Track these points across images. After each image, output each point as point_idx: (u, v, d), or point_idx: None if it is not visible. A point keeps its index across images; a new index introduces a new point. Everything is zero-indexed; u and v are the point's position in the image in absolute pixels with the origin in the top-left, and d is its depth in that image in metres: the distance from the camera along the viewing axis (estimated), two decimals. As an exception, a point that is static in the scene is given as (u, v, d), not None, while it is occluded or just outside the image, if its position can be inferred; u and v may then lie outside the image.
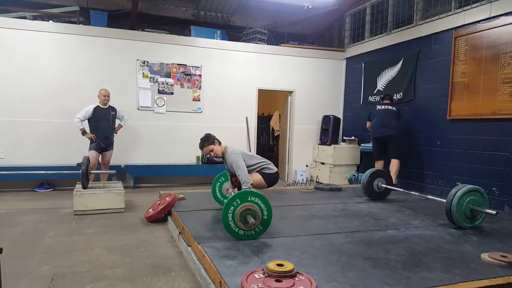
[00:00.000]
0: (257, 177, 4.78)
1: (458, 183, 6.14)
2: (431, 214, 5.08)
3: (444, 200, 4.47)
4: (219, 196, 5.34)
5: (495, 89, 5.85)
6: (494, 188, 5.87)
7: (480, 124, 6.14)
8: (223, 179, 5.32)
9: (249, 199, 3.70)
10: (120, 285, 3.11)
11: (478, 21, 6.14)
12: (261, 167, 4.89)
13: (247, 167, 4.70)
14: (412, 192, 5.96)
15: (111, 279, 3.23)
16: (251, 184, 4.47)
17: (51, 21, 7.52)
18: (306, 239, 3.85)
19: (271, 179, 4.93)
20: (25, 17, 7.36)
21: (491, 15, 5.93)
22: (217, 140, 4.86)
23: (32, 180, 7.17)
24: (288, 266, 2.57)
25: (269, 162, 5.03)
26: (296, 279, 2.51)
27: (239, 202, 3.66)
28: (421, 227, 4.44)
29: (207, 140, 4.81)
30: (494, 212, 4.15)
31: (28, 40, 7.18)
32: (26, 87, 7.18)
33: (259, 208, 3.70)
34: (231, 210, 3.65)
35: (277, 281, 2.46)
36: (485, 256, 3.30)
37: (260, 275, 2.55)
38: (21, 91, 7.15)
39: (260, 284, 2.42)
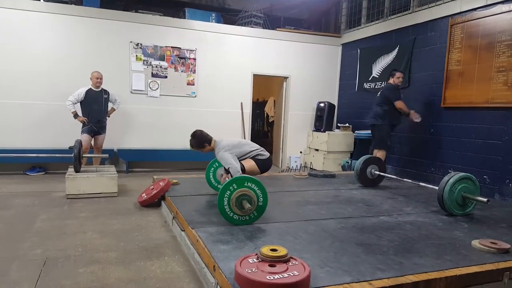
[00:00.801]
0: (250, 163, 4.76)
1: (450, 171, 6.19)
2: (423, 201, 5.12)
3: (436, 187, 4.51)
4: (213, 181, 5.33)
5: (489, 78, 5.86)
6: (485, 176, 5.92)
7: (473, 113, 6.16)
8: (217, 165, 5.31)
9: (245, 184, 3.70)
10: (113, 269, 3.11)
11: (475, 9, 6.12)
12: (254, 154, 4.87)
13: (239, 157, 4.69)
14: (404, 179, 6.00)
15: (104, 262, 3.23)
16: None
17: (42, 0, 7.36)
18: (299, 224, 3.87)
19: (264, 165, 4.92)
20: (16, -3, 7.22)
21: (488, 3, 5.91)
22: (207, 141, 4.78)
23: (24, 163, 7.12)
24: (282, 251, 2.58)
25: (261, 148, 5.01)
26: (290, 264, 2.52)
27: (235, 187, 3.66)
28: (413, 213, 4.48)
29: (197, 145, 4.79)
30: (485, 199, 4.18)
31: (18, 20, 7.03)
32: (17, 69, 7.06)
33: (255, 194, 3.70)
34: (227, 195, 3.65)
35: (270, 265, 2.47)
36: (475, 242, 3.33)
37: (254, 259, 2.56)
38: (11, 72, 7.04)
39: (254, 269, 2.43)
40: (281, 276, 2.35)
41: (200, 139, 4.79)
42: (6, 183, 6.28)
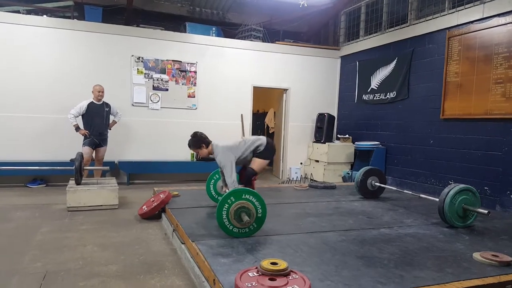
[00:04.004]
0: (256, 163, 4.79)
1: (450, 182, 6.20)
2: (424, 213, 5.12)
3: (437, 199, 4.50)
4: (213, 193, 5.33)
5: (487, 89, 5.90)
6: (486, 188, 5.92)
7: (472, 124, 6.18)
8: (217, 177, 5.32)
9: (243, 197, 3.70)
10: (114, 283, 3.10)
11: (472, 22, 6.18)
12: (252, 149, 4.80)
13: (239, 158, 4.69)
14: (405, 191, 6.01)
15: (104, 276, 3.22)
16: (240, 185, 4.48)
17: (45, 16, 7.46)
18: (300, 237, 3.86)
19: (268, 154, 4.90)
20: (18, 11, 7.31)
21: (484, 16, 5.97)
22: (205, 142, 4.76)
23: (25, 176, 7.13)
24: (282, 264, 2.58)
25: (257, 138, 4.92)
26: (290, 277, 2.52)
27: (233, 199, 3.67)
28: (414, 225, 4.47)
29: (194, 145, 4.80)
30: (486, 211, 4.19)
31: (22, 35, 7.11)
32: (20, 82, 7.12)
33: (253, 206, 3.71)
34: (225, 208, 3.65)
35: (270, 279, 2.47)
36: (477, 255, 3.33)
37: (254, 273, 2.56)
38: (14, 86, 7.09)
39: (254, 283, 2.43)
40: (282, 290, 2.35)
41: (198, 139, 4.78)
42: (7, 196, 6.29)
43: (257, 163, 4.80)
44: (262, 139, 4.90)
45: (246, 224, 3.68)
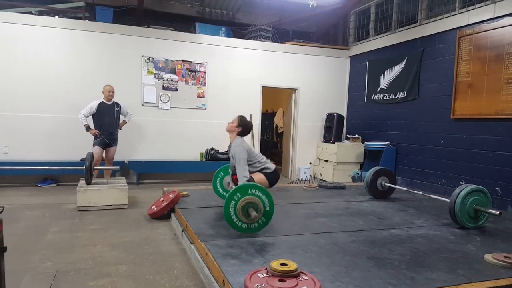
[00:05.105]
0: (259, 177, 4.78)
1: (461, 183, 6.15)
2: (435, 214, 5.08)
3: (448, 200, 4.47)
4: (220, 190, 5.36)
5: (498, 89, 5.84)
6: (497, 188, 5.86)
7: (483, 124, 6.12)
8: (223, 174, 5.34)
9: (249, 192, 3.69)
10: (123, 283, 3.12)
11: (482, 21, 6.12)
12: (262, 167, 4.89)
13: (249, 161, 4.69)
14: (415, 191, 5.96)
15: (114, 276, 3.24)
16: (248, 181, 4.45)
17: (56, 17, 7.54)
18: (309, 237, 3.85)
19: (272, 178, 4.94)
20: (31, 12, 7.39)
21: (495, 15, 5.91)
22: (243, 127, 4.78)
23: (36, 175, 7.20)
24: (292, 265, 2.57)
25: (268, 160, 5.04)
26: (300, 278, 2.51)
27: (239, 196, 3.66)
28: (425, 226, 4.44)
29: (238, 120, 4.77)
30: (497, 212, 4.13)
31: (34, 35, 7.19)
32: (31, 82, 7.19)
33: (260, 201, 3.69)
34: (232, 205, 3.65)
35: (280, 280, 2.46)
36: (488, 256, 3.29)
37: (264, 274, 2.55)
38: (26, 86, 7.17)
39: (264, 284, 2.43)
40: (291, 291, 2.35)
41: (244, 121, 4.82)
42: (18, 195, 6.36)
43: (259, 177, 4.77)
44: (272, 165, 5.00)
45: (254, 219, 3.68)
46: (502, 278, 2.90)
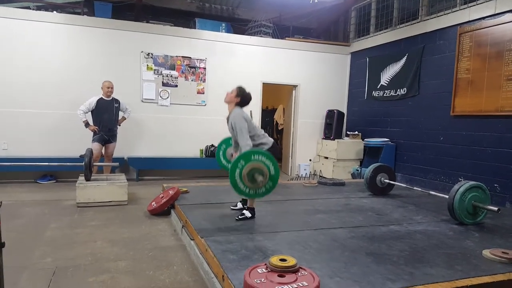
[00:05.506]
0: None
1: (460, 179, 6.16)
2: (434, 210, 5.09)
3: (447, 196, 4.48)
4: (224, 162, 5.23)
5: (498, 86, 5.83)
6: (496, 185, 5.87)
7: (483, 121, 6.12)
8: (225, 146, 5.21)
9: (253, 158, 3.70)
10: (123, 278, 3.13)
11: (483, 18, 6.11)
12: (258, 142, 4.45)
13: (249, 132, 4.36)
14: (414, 188, 5.97)
15: (113, 272, 3.25)
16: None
17: (55, 12, 7.52)
18: (309, 233, 3.86)
19: (272, 154, 4.47)
20: (28, 7, 7.38)
21: (496, 12, 5.90)
22: (242, 98, 4.49)
23: (35, 172, 7.19)
24: (291, 261, 2.58)
25: (266, 137, 4.60)
26: (299, 274, 2.52)
27: (243, 163, 3.66)
28: (424, 222, 4.46)
29: (237, 90, 4.51)
30: (496, 208, 4.16)
31: (32, 31, 7.16)
32: (30, 78, 7.17)
33: (264, 165, 3.70)
34: (237, 173, 3.65)
35: (279, 276, 2.47)
36: (486, 252, 3.31)
37: (263, 269, 2.56)
38: (25, 82, 7.15)
39: (263, 279, 2.43)
40: (290, 287, 2.35)
41: (243, 92, 4.54)
42: (17, 192, 6.36)
43: None
44: (270, 140, 4.57)
45: (260, 184, 3.69)
46: (500, 274, 2.92)
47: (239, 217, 4.32)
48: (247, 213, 4.36)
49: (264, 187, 3.78)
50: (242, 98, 4.52)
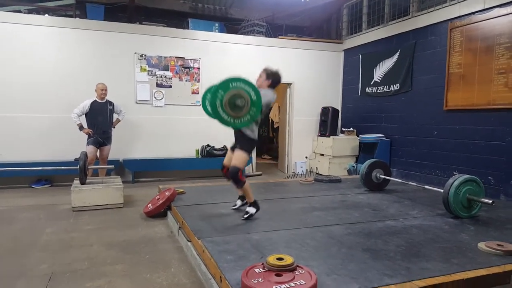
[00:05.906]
0: (240, 154, 4.24)
1: (455, 173, 6.19)
2: (429, 204, 5.12)
3: (441, 190, 4.50)
4: (209, 109, 4.97)
5: (490, 80, 5.87)
6: (490, 177, 5.91)
7: (475, 114, 6.16)
8: (210, 95, 5.02)
9: (231, 86, 3.66)
10: (120, 282, 3.12)
11: (473, 13, 6.15)
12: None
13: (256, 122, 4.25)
14: (410, 183, 6.01)
15: (110, 276, 3.24)
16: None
17: (46, 15, 7.48)
18: (306, 231, 3.87)
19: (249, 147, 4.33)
20: (20, 11, 7.32)
21: (486, 7, 5.95)
22: (273, 80, 4.48)
23: (29, 176, 7.14)
24: (288, 260, 2.59)
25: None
26: (296, 272, 2.53)
27: (222, 92, 3.62)
28: (419, 217, 4.48)
29: (268, 73, 4.49)
30: (490, 201, 4.18)
31: (24, 34, 7.12)
32: (22, 82, 7.13)
33: (244, 91, 3.67)
34: (218, 104, 3.60)
35: (277, 275, 2.48)
36: (481, 245, 3.33)
37: (260, 269, 2.57)
38: (17, 86, 7.11)
39: (260, 279, 2.44)
40: (288, 286, 2.36)
41: (275, 75, 4.54)
42: (12, 197, 6.32)
43: (238, 154, 4.23)
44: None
45: (244, 110, 3.65)
46: (495, 266, 2.93)
47: (245, 216, 4.28)
48: (251, 210, 4.32)
49: (248, 113, 3.70)
50: (273, 78, 4.49)
